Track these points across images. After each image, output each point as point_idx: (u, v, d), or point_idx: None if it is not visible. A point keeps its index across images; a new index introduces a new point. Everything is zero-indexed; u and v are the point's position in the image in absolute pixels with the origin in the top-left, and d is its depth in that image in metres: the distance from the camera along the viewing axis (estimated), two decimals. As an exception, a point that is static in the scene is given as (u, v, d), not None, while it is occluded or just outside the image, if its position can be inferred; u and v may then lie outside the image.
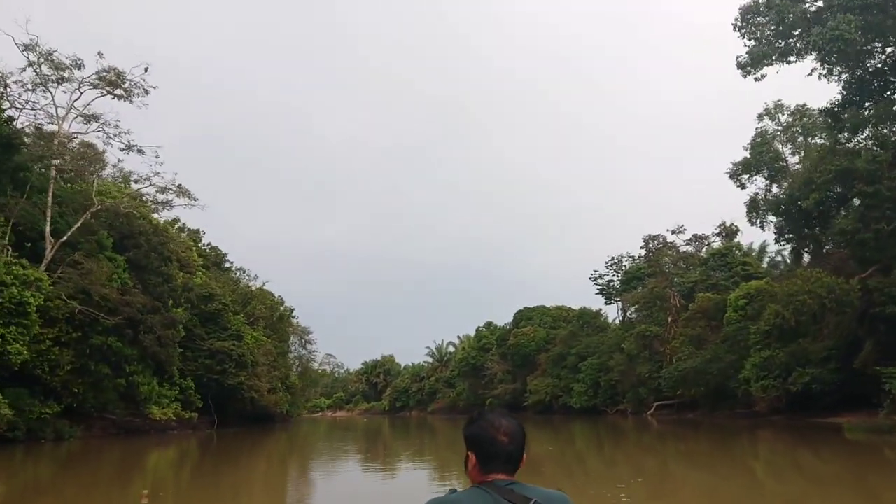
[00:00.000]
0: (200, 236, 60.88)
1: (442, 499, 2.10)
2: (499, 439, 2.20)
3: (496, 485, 2.11)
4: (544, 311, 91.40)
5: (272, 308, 58.11)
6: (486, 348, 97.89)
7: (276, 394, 59.26)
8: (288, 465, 28.82)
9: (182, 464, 26.57)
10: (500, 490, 2.08)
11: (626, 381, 65.80)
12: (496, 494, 2.06)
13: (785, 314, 38.11)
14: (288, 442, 44.24)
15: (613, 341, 70.93)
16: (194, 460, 28.97)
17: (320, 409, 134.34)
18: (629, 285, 72.84)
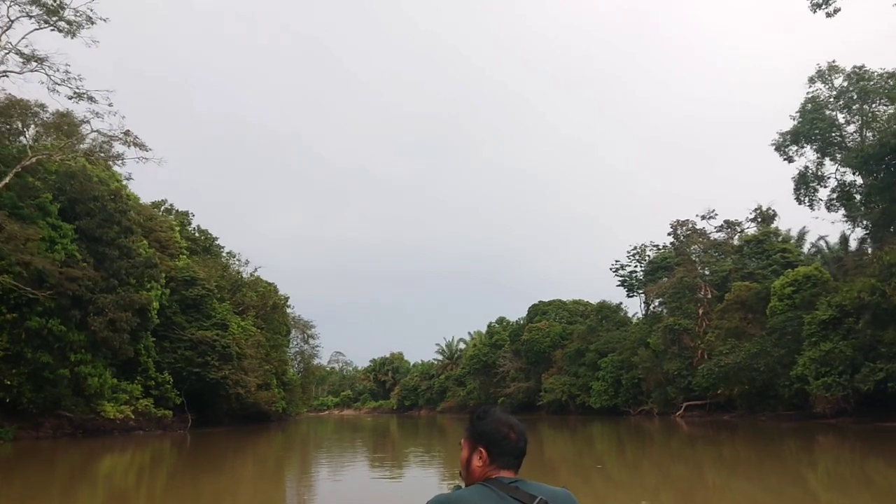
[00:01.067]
0: (189, 218, 55.09)
1: (448, 496, 2.06)
2: (510, 436, 2.20)
3: (500, 482, 2.08)
4: (560, 305, 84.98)
5: (264, 296, 52.10)
6: (498, 345, 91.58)
7: (270, 390, 53.33)
8: (264, 471, 22.81)
9: (114, 475, 20.50)
10: (505, 487, 2.05)
11: (651, 378, 59.38)
12: (501, 492, 2.03)
13: (870, 298, 31.51)
14: (277, 444, 38.20)
15: (637, 336, 64.51)
16: (139, 468, 22.93)
17: (327, 408, 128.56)
18: (654, 276, 66.39)
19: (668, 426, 50.90)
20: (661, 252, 68.26)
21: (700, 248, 60.57)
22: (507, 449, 2.18)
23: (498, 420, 2.24)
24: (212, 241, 55.16)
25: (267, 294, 52.03)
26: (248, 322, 47.61)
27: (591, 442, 36.09)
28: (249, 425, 53.34)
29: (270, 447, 33.71)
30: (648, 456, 26.12)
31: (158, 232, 43.99)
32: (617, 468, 20.90)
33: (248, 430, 48.83)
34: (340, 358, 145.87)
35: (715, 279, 57.49)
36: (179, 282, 43.87)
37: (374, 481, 19.48)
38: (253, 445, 35.03)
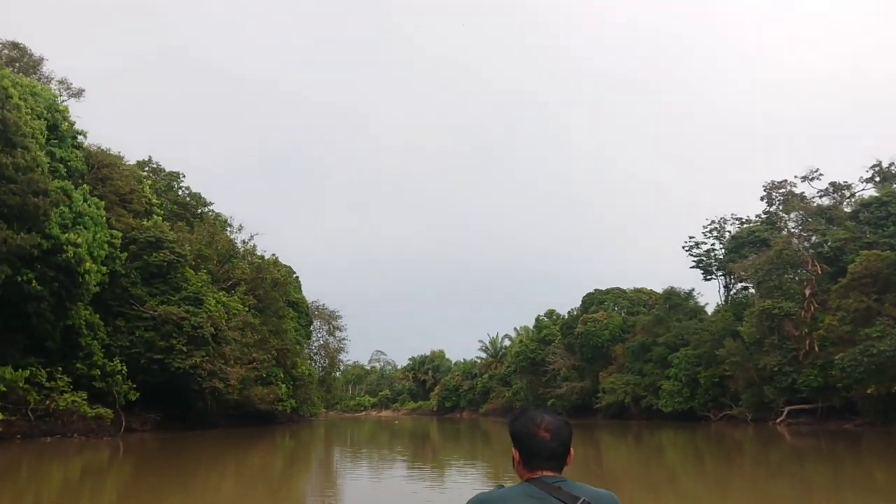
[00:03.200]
0: (179, 179, 44.74)
1: (489, 494, 2.01)
2: (540, 435, 2.09)
3: (544, 481, 2.00)
4: (619, 293, 72.07)
5: (260, 269, 41.06)
6: (547, 340, 79.03)
7: (272, 386, 42.33)
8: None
9: None
10: (548, 487, 1.98)
11: (741, 376, 46.39)
12: (544, 492, 1.96)
13: None
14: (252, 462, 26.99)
15: (719, 325, 51.51)
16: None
17: (364, 408, 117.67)
18: (738, 254, 53.39)
19: (764, 435, 39.01)
20: (745, 226, 55.12)
21: (801, 215, 47.35)
22: (537, 449, 2.08)
23: (529, 419, 2.13)
24: (204, 206, 44.73)
25: (264, 267, 41.07)
26: (235, 299, 36.69)
27: (661, 452, 29.43)
28: (245, 428, 42.45)
29: (222, 473, 22.24)
30: (738, 471, 20.04)
31: (116, 181, 33.40)
32: (697, 486, 16.06)
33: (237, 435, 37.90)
34: (381, 357, 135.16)
35: (826, 252, 44.34)
36: (142, 244, 33.16)
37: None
38: (223, 462, 23.63)
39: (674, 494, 14.78)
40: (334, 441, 40.03)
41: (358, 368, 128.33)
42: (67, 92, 37.27)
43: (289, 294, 62.81)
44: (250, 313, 38.43)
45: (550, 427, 2.10)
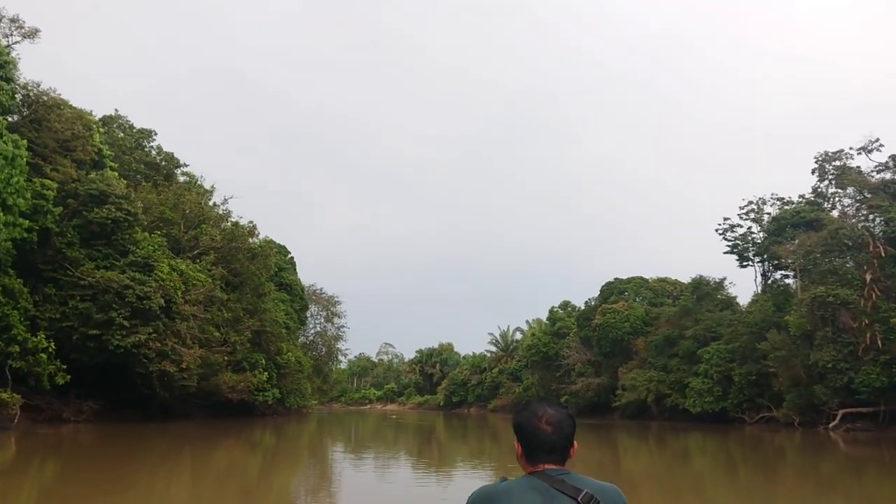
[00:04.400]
0: (151, 137, 38.74)
1: (493, 486, 1.97)
2: (542, 428, 2.06)
3: (547, 474, 1.97)
4: (641, 283, 65.38)
5: (233, 237, 34.72)
6: (561, 333, 72.50)
7: (249, 373, 36.30)
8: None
9: None
10: (552, 480, 1.94)
11: (786, 374, 39.67)
12: (547, 484, 1.93)
13: None
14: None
15: (758, 316, 44.82)
16: None
17: (369, 401, 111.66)
18: (779, 237, 46.66)
19: (812, 442, 32.50)
20: (787, 207, 48.27)
21: (858, 190, 40.50)
22: (538, 442, 2.04)
23: (532, 412, 2.10)
24: (177, 167, 38.63)
25: (239, 235, 34.78)
26: (197, 268, 30.43)
27: (687, 457, 25.79)
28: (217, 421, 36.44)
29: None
30: (781, 484, 16.37)
31: (54, 123, 27.38)
32: (731, 499, 13.03)
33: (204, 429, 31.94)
34: (390, 350, 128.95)
35: (889, 232, 37.54)
36: (83, 198, 27.15)
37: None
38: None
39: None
40: (321, 439, 33.94)
41: (364, 360, 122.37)
42: (20, 31, 31.30)
43: (281, 276, 56.91)
44: (219, 287, 32.33)
45: (552, 420, 2.06)
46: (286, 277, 56.93)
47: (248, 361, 39.81)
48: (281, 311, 51.16)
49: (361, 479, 17.90)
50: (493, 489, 1.95)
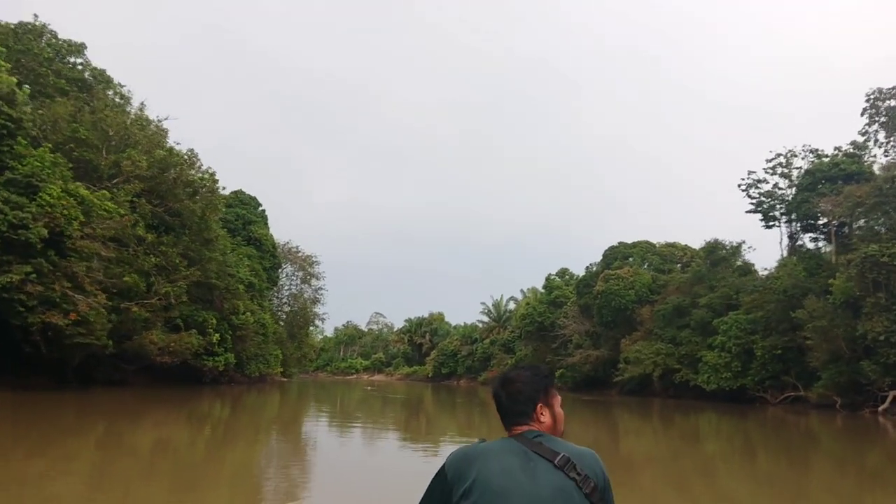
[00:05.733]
0: (81, 51, 31.52)
1: (471, 447, 1.97)
2: (502, 394, 2.09)
3: (525, 437, 1.98)
4: (648, 247, 58.67)
5: (165, 164, 27.49)
6: (558, 302, 65.96)
7: (186, 333, 29.57)
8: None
9: None
10: (529, 442, 1.95)
11: (825, 348, 33.14)
12: (524, 446, 1.94)
13: None
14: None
15: (787, 282, 38.17)
16: None
17: (355, 371, 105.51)
18: (814, 192, 39.86)
19: (853, 426, 26.90)
20: (820, 161, 41.29)
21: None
22: (503, 409, 2.09)
23: (499, 378, 2.15)
24: (109, 87, 31.40)
25: (174, 164, 27.57)
26: (115, 199, 23.30)
27: (696, 439, 21.34)
28: (155, 390, 29.84)
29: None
30: (816, 475, 13.69)
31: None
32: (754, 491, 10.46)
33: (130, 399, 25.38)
34: (380, 319, 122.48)
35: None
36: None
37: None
38: None
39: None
40: (280, 412, 27.44)
41: (352, 329, 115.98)
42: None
43: (250, 229, 50.09)
44: (142, 225, 25.44)
45: (511, 387, 2.08)
46: (255, 231, 50.11)
47: (194, 320, 33.12)
48: (245, 266, 44.39)
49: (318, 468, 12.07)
50: (471, 450, 1.96)
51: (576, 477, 1.87)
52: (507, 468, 1.88)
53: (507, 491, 1.85)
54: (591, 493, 1.88)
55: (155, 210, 27.87)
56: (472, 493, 1.87)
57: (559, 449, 1.92)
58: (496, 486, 1.86)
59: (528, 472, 1.88)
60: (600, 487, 1.92)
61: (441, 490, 1.97)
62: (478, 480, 1.88)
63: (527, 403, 2.04)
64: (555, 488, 1.85)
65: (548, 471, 1.88)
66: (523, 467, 1.88)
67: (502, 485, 1.86)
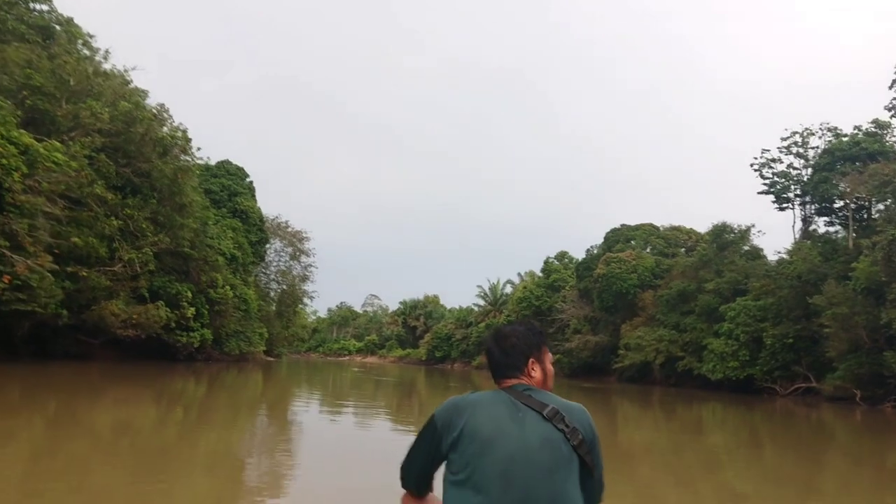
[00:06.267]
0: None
1: (461, 397, 1.98)
2: (496, 349, 2.10)
3: (515, 389, 1.99)
4: (651, 230, 56.10)
5: (131, 119, 24.67)
6: (556, 286, 63.47)
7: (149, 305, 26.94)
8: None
9: None
10: (518, 394, 1.96)
11: (844, 337, 30.67)
12: (514, 398, 1.95)
13: None
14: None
15: (802, 266, 35.67)
16: None
17: (348, 353, 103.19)
18: (832, 172, 37.23)
19: (872, 422, 24.63)
20: (838, 140, 38.60)
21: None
22: (495, 363, 2.09)
23: (492, 334, 2.16)
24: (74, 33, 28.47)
25: (140, 118, 24.71)
26: (57, 146, 20.51)
27: (700, 430, 19.34)
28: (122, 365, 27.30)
29: None
30: (825, 467, 12.96)
31: None
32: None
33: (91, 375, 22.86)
34: (375, 301, 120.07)
35: None
36: None
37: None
38: None
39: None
40: (254, 393, 24.98)
41: (346, 310, 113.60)
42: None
43: (235, 201, 47.39)
44: (101, 184, 22.72)
45: (503, 344, 2.08)
46: (241, 203, 47.41)
47: (167, 292, 30.52)
48: (228, 238, 41.77)
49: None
50: (461, 400, 1.96)
51: (564, 428, 1.89)
52: (496, 418, 1.89)
53: (495, 439, 1.85)
54: (579, 446, 1.90)
55: (121, 170, 25.16)
56: (461, 442, 1.88)
57: (548, 401, 1.93)
58: (485, 434, 1.87)
59: (517, 422, 1.89)
60: (588, 441, 1.93)
61: (430, 439, 1.97)
62: (466, 429, 1.88)
63: (519, 358, 2.06)
64: (543, 438, 1.86)
65: (536, 422, 1.89)
66: (513, 417, 1.90)
67: (491, 433, 1.87)
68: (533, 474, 1.81)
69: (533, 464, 1.82)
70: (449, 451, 1.90)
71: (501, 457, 1.82)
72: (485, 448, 1.84)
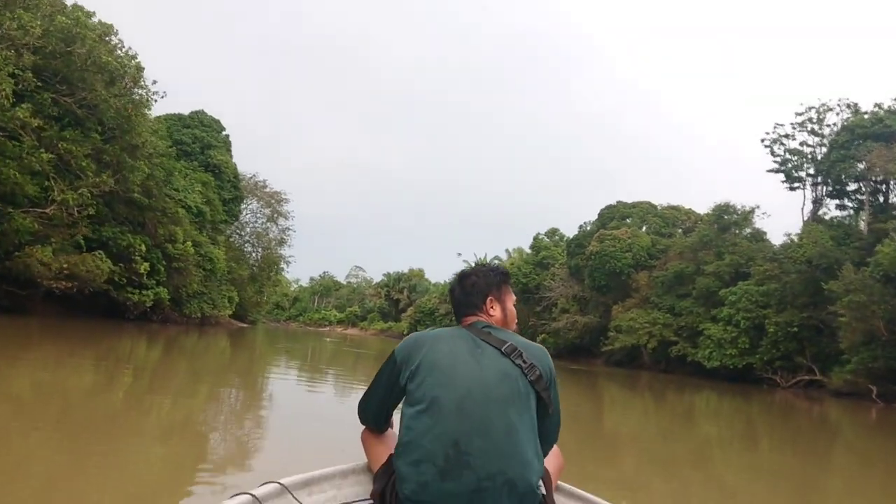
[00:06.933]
0: None
1: (422, 332, 2.03)
2: (456, 289, 2.18)
3: (475, 326, 2.03)
4: (649, 208, 53.03)
5: (69, 36, 20.89)
6: (545, 264, 60.53)
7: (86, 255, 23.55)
8: None
9: None
10: (478, 331, 1.99)
11: (857, 328, 27.90)
12: (474, 334, 1.98)
13: None
14: None
15: (812, 250, 32.82)
16: None
17: (329, 323, 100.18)
18: (849, 151, 34.26)
19: (889, 419, 22.21)
20: (859, 116, 35.58)
21: None
22: (455, 303, 2.17)
23: (455, 277, 2.21)
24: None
25: (81, 36, 20.91)
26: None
27: (691, 419, 16.98)
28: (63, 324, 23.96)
29: None
30: (830, 465, 11.27)
31: None
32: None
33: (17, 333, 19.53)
34: (360, 273, 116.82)
35: None
36: None
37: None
38: None
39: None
40: (216, 360, 21.73)
41: (328, 280, 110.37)
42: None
43: (208, 154, 43.78)
44: (26, 107, 19.12)
45: (468, 277, 2.13)
46: (215, 157, 43.80)
47: (117, 244, 27.15)
48: (197, 192, 38.31)
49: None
50: (421, 335, 2.00)
51: (521, 364, 1.89)
52: (455, 352, 1.90)
53: (453, 372, 1.86)
54: (536, 381, 1.90)
55: (62, 99, 21.59)
56: (419, 374, 1.89)
57: (507, 338, 1.95)
58: (442, 367, 1.87)
59: (475, 356, 1.89)
60: (546, 378, 1.94)
61: (390, 372, 1.98)
62: (425, 361, 1.89)
63: (478, 296, 2.09)
64: (500, 372, 1.87)
65: (494, 357, 1.90)
66: (471, 352, 1.90)
67: (449, 365, 1.87)
68: (489, 406, 1.82)
69: (489, 396, 1.83)
70: (407, 382, 1.91)
71: (458, 388, 1.83)
72: (442, 379, 1.85)
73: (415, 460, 1.80)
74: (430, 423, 1.80)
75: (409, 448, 1.83)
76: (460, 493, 1.75)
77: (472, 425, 1.78)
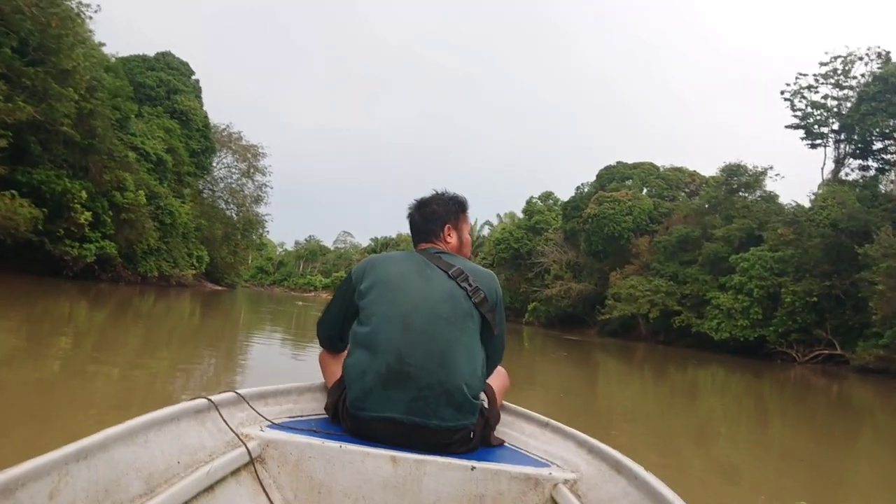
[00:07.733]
0: None
1: (377, 255, 2.07)
2: (415, 216, 2.22)
3: (428, 251, 2.09)
4: (651, 170, 49.22)
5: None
6: (538, 229, 56.77)
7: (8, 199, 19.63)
8: None
9: None
10: (431, 256, 2.05)
11: (891, 299, 24.50)
12: (426, 258, 2.04)
13: None
14: None
15: (837, 212, 29.27)
16: None
17: (314, 288, 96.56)
18: (876, 103, 30.48)
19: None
20: (892, 66, 31.84)
21: None
22: (414, 229, 2.22)
23: (415, 203, 2.24)
24: None
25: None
26: None
27: (694, 395, 14.36)
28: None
29: None
30: (854, 446, 9.45)
31: None
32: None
33: None
34: (348, 239, 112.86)
35: None
36: None
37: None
38: None
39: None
40: (171, 322, 17.89)
41: (314, 244, 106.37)
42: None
43: (174, 99, 39.46)
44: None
45: (428, 205, 2.19)
46: (182, 102, 39.47)
47: (51, 189, 23.17)
48: (157, 138, 34.17)
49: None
50: (376, 257, 2.05)
51: (466, 287, 1.96)
52: (405, 272, 1.97)
53: (401, 290, 1.93)
54: (480, 303, 1.96)
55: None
56: (371, 291, 1.94)
57: (456, 263, 2.02)
58: (392, 285, 1.94)
59: (423, 277, 1.96)
60: (491, 300, 2.00)
61: (345, 290, 2.05)
62: (377, 280, 1.96)
63: (436, 223, 2.16)
64: (446, 292, 1.93)
65: (442, 279, 1.97)
66: (420, 273, 1.97)
67: (398, 284, 1.94)
68: (433, 322, 1.87)
69: (434, 313, 1.88)
70: (359, 300, 1.96)
71: (404, 304, 1.89)
72: (390, 296, 1.91)
73: (361, 371, 1.86)
74: (376, 336, 1.86)
75: (355, 359, 1.90)
76: (401, 400, 1.82)
77: (415, 339, 1.84)
